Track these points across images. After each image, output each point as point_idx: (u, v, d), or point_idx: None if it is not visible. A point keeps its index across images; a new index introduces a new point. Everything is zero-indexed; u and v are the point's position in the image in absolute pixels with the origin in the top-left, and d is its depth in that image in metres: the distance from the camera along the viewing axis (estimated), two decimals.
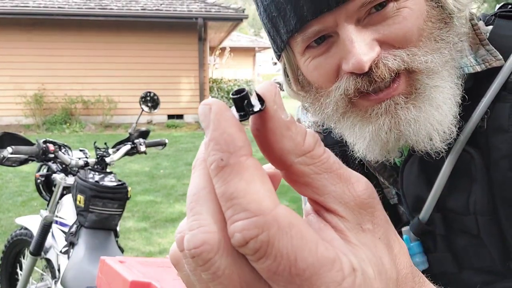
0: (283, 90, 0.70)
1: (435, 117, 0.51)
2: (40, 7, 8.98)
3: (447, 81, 0.52)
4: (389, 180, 0.64)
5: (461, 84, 0.54)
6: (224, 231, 0.21)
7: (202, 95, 10.36)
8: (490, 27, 0.59)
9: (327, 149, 0.24)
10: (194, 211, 0.22)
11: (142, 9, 9.40)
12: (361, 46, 0.49)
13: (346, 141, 0.61)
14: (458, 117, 0.54)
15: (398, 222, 0.66)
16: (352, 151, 0.59)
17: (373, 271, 0.22)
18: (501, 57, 0.54)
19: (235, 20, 10.23)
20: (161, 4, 9.83)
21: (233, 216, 0.20)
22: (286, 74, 0.63)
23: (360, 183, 0.23)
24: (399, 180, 0.61)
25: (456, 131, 0.54)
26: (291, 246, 0.20)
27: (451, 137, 0.53)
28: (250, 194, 0.21)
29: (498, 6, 0.63)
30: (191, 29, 9.89)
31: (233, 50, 16.17)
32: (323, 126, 0.72)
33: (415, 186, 0.59)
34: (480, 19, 0.60)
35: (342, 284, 0.20)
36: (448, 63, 0.52)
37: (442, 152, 0.53)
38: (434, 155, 0.54)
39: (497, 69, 0.54)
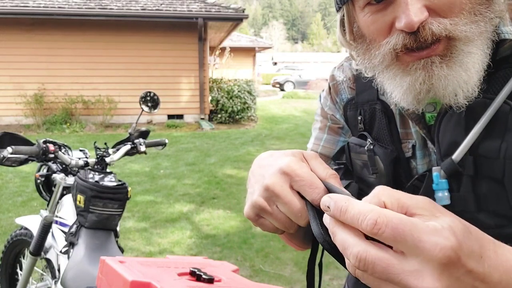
0: (283, 90, 0.73)
1: (462, 77, 0.61)
2: (40, 7, 8.98)
3: (479, 49, 0.61)
4: (422, 130, 0.74)
5: (492, 51, 0.63)
6: None
7: (202, 95, 10.36)
8: None
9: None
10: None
11: (142, 9, 9.40)
12: (413, 9, 0.57)
13: (378, 97, 0.76)
14: (496, 76, 0.63)
15: (409, 176, 0.76)
16: (383, 107, 0.73)
17: (462, 224, 0.39)
18: None
19: (235, 20, 10.23)
20: (161, 4, 9.83)
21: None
22: (342, 25, 0.71)
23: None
24: (435, 128, 0.70)
25: (494, 88, 0.63)
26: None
27: (473, 96, 0.62)
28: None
29: None
30: (191, 29, 9.89)
31: (233, 50, 16.17)
32: (356, 81, 0.83)
33: (452, 132, 0.67)
34: None
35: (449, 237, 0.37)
36: (482, 35, 0.61)
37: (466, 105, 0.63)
38: (472, 103, 0.63)
39: None
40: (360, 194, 0.85)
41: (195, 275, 0.88)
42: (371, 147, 0.78)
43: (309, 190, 0.54)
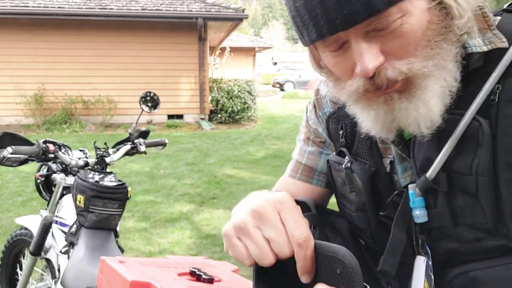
0: (283, 90, 0.75)
1: (421, 110, 0.62)
2: (40, 7, 8.98)
3: (438, 80, 0.62)
4: (398, 147, 0.75)
5: (463, 65, 0.64)
6: None
7: (202, 95, 10.36)
8: (498, 17, 0.69)
9: None
10: None
11: (142, 9, 9.40)
12: (368, 56, 0.60)
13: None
14: (467, 89, 0.65)
15: (391, 190, 0.77)
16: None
17: None
18: (505, 39, 0.64)
19: (235, 20, 10.23)
20: (161, 4, 9.83)
21: None
22: (311, 60, 0.74)
23: None
24: (412, 145, 0.71)
25: (464, 103, 0.65)
26: None
27: (436, 125, 0.64)
28: None
29: (508, 3, 0.73)
30: (191, 29, 9.89)
31: (233, 50, 16.17)
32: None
33: (426, 148, 0.68)
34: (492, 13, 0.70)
35: None
36: (441, 66, 0.62)
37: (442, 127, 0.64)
38: (446, 123, 0.65)
39: (505, 50, 0.63)
40: (342, 209, 0.87)
41: (195, 275, 0.88)
42: (349, 164, 0.79)
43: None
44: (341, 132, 0.84)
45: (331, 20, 0.59)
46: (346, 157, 0.80)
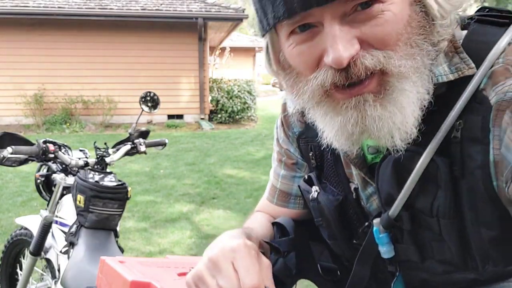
0: (283, 90, 0.72)
1: (398, 118, 0.54)
2: (40, 7, 8.98)
3: (415, 86, 0.55)
4: (366, 175, 0.69)
5: (432, 89, 0.57)
6: None
7: (202, 95, 10.36)
8: (465, 31, 0.61)
9: None
10: None
11: (142, 9, 9.40)
12: (342, 42, 0.51)
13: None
14: (427, 123, 0.57)
15: (361, 216, 0.73)
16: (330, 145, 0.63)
17: None
18: (473, 65, 0.57)
19: (235, 20, 10.23)
20: (161, 4, 9.82)
21: None
22: (268, 53, 0.64)
23: None
24: (375, 177, 0.65)
25: (425, 139, 0.58)
26: None
27: (411, 138, 0.56)
28: None
29: (476, 9, 0.65)
30: (191, 29, 9.89)
31: (233, 50, 16.16)
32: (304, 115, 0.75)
33: (388, 184, 0.63)
34: (458, 23, 0.62)
35: None
36: (419, 69, 0.55)
37: (402, 150, 0.58)
38: (406, 157, 0.59)
39: (470, 78, 0.56)
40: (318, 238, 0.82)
41: None
42: (315, 195, 0.74)
43: None
44: (311, 154, 0.77)
45: None
46: (314, 187, 0.75)
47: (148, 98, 2.11)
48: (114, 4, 9.56)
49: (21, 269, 2.18)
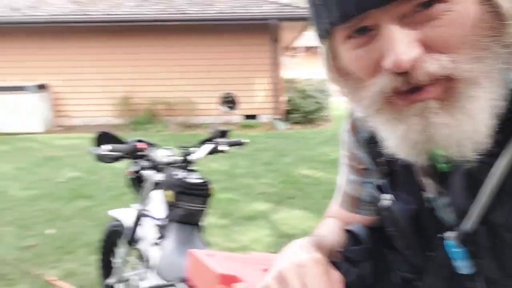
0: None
1: (467, 127, 0.49)
2: (126, 14, 9.65)
3: (485, 92, 0.50)
4: (438, 184, 0.64)
5: (508, 95, 0.51)
6: None
7: (277, 95, 10.44)
8: None
9: None
10: None
11: (217, 13, 9.70)
12: (401, 45, 0.47)
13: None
14: (503, 131, 0.52)
15: (438, 226, 0.66)
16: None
17: None
18: None
19: (308, 19, 10.15)
20: (236, 7, 10.07)
21: None
22: (326, 60, 0.61)
23: None
24: (448, 188, 0.61)
25: (501, 148, 0.52)
26: None
27: (484, 147, 0.51)
28: None
29: None
30: (264, 30, 10.00)
31: (308, 49, 16.06)
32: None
33: (461, 196, 0.58)
34: None
35: None
36: (489, 74, 0.49)
37: (478, 162, 0.52)
38: (479, 168, 0.53)
39: None
40: (388, 246, 0.77)
41: None
42: (386, 204, 0.69)
43: None
44: (381, 160, 0.72)
45: None
46: (384, 195, 0.71)
47: (227, 99, 2.18)
48: (192, 8, 9.98)
49: (116, 258, 2.36)
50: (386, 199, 0.69)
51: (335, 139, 8.54)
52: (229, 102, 2.18)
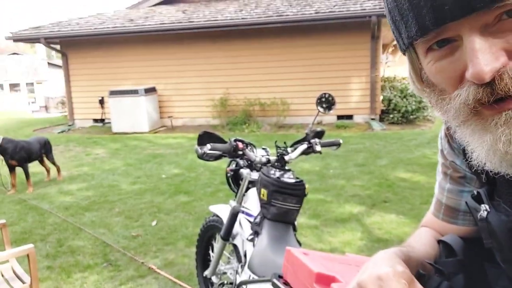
0: None
1: None
2: (227, 19, 10.08)
3: None
4: None
5: None
6: None
7: (374, 94, 10.08)
8: None
9: None
10: None
11: (315, 13, 9.65)
12: (484, 56, 0.46)
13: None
14: None
15: None
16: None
17: None
18: None
19: None
20: (334, 6, 9.93)
21: None
22: (410, 71, 0.61)
23: None
24: None
25: None
26: None
27: None
28: None
29: None
30: (363, 27, 9.72)
31: None
32: None
33: None
34: None
35: None
36: None
37: None
38: None
39: None
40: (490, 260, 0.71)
41: None
42: (485, 215, 0.64)
43: None
44: (480, 168, 0.69)
45: (437, 7, 0.46)
46: (483, 205, 0.66)
47: (324, 100, 2.17)
48: (290, 10, 10.07)
49: (212, 251, 2.49)
50: (484, 210, 0.65)
51: (437, 140, 7.95)
52: (325, 102, 2.16)
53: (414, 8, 0.49)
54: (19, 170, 5.61)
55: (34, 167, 6.04)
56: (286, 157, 1.95)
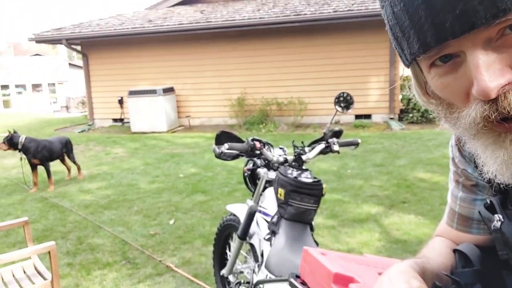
0: None
1: None
2: (244, 19, 10.09)
3: None
4: None
5: None
6: None
7: (393, 93, 9.95)
8: None
9: None
10: None
11: (334, 11, 9.59)
12: (488, 72, 0.45)
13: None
14: None
15: None
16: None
17: None
18: None
19: None
20: (352, 4, 9.84)
21: None
22: (415, 86, 0.60)
23: None
24: None
25: None
26: None
27: None
28: None
29: None
30: (382, 26, 9.47)
31: None
32: None
33: None
34: None
35: None
36: None
37: None
38: None
39: None
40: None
41: None
42: (498, 225, 0.62)
43: None
44: None
45: (438, 25, 0.46)
46: (496, 215, 0.64)
47: (342, 99, 2.15)
48: (308, 9, 10.02)
49: (229, 251, 2.50)
50: (498, 220, 0.63)
51: None
52: (343, 101, 2.14)
53: (415, 25, 0.48)
54: (41, 168, 5.73)
55: (55, 166, 6.16)
56: (304, 157, 1.94)
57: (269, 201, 1.94)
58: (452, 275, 0.71)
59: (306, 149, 2.02)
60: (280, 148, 2.09)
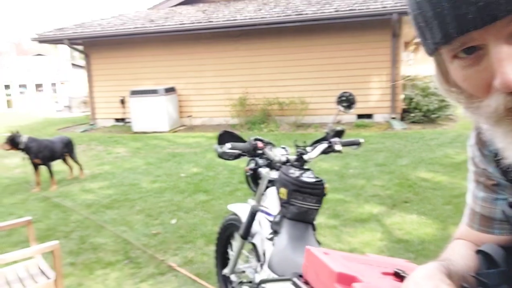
0: None
1: None
2: (246, 19, 10.09)
3: None
4: None
5: None
6: None
7: (394, 93, 9.94)
8: None
9: None
10: None
11: (335, 11, 9.58)
12: (510, 65, 0.46)
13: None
14: None
15: None
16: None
17: None
18: None
19: None
20: (354, 4, 9.82)
21: None
22: (437, 74, 0.61)
23: None
24: None
25: None
26: None
27: None
28: None
29: None
30: (384, 25, 9.59)
31: None
32: None
33: None
34: None
35: None
36: None
37: None
38: None
39: None
40: None
41: (400, 277, 0.87)
42: None
43: None
44: None
45: (460, 16, 0.47)
46: None
47: (344, 98, 2.14)
48: (309, 9, 10.01)
49: (231, 250, 2.50)
50: None
51: (460, 140, 7.84)
52: (345, 101, 2.14)
53: (438, 16, 0.49)
54: (43, 168, 5.74)
55: (57, 165, 6.17)
56: (306, 156, 1.94)
57: (271, 200, 1.94)
58: (479, 276, 0.70)
59: (308, 148, 2.02)
60: (282, 148, 2.09)
